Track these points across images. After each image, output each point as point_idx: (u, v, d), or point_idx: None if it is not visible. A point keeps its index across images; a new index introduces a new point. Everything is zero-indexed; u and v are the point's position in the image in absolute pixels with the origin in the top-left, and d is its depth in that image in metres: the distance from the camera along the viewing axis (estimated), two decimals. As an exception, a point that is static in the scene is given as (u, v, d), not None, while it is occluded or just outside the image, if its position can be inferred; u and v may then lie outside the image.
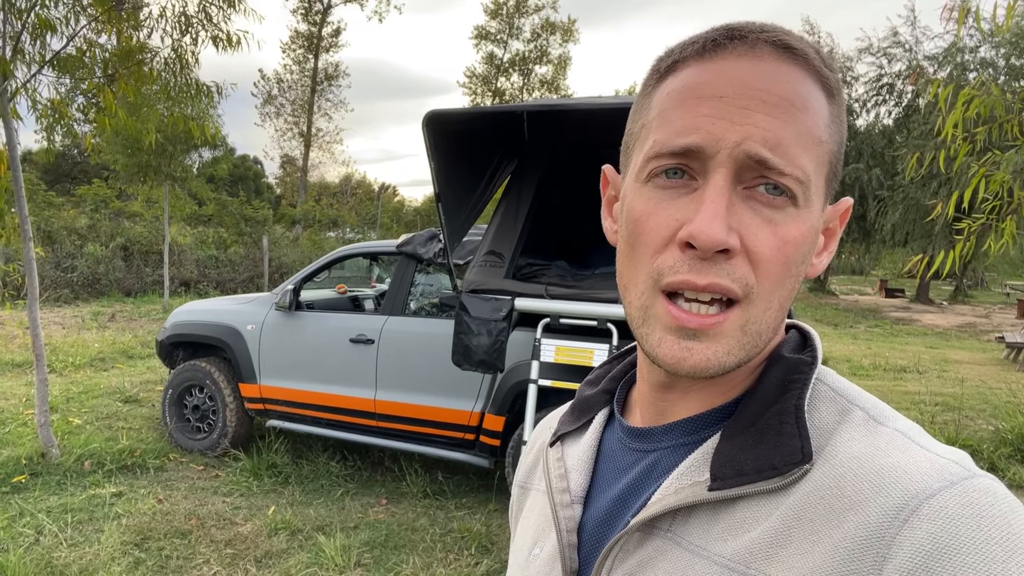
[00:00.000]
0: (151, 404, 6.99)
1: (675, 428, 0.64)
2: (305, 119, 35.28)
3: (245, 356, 5.56)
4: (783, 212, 0.56)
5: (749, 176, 0.56)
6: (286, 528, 4.31)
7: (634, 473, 0.66)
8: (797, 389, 0.59)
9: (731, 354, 0.57)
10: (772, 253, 0.55)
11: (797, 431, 0.56)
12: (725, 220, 0.54)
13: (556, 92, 37.51)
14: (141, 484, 4.94)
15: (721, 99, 0.56)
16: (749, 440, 0.58)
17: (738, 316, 0.56)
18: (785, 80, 0.56)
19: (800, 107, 0.56)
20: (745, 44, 0.57)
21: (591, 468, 0.71)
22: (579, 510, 0.69)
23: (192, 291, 16.66)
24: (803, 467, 0.55)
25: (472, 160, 4.17)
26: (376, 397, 5.08)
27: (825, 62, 0.59)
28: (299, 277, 5.64)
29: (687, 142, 0.56)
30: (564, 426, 0.78)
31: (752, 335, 0.57)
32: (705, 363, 0.56)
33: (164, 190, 14.36)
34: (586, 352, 3.72)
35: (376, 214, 25.87)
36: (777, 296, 0.57)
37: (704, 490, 0.58)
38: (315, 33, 34.31)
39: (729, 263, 0.55)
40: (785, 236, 0.56)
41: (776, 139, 0.55)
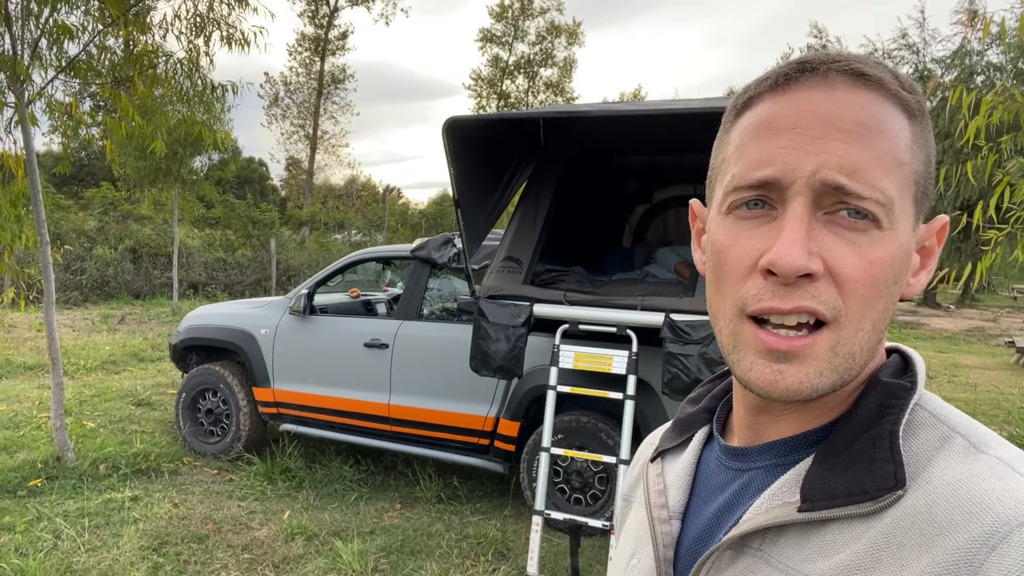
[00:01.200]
0: (163, 407, 7.01)
1: (769, 449, 0.65)
2: (311, 122, 35.35)
3: (259, 360, 5.57)
4: (867, 235, 0.57)
5: (828, 202, 0.57)
6: (302, 533, 4.32)
7: (729, 492, 0.67)
8: (894, 415, 0.59)
9: (823, 376, 0.57)
10: (858, 274, 0.56)
11: (891, 456, 0.57)
12: (805, 245, 0.56)
13: (561, 95, 37.51)
14: (156, 488, 4.95)
15: (795, 130, 0.58)
16: (841, 464, 0.58)
17: (828, 338, 0.57)
18: (859, 106, 0.57)
19: (876, 131, 0.57)
20: (817, 75, 0.59)
21: (689, 485, 0.73)
22: (677, 526, 0.71)
23: (200, 294, 16.70)
24: (896, 493, 0.55)
25: (490, 165, 4.18)
26: (390, 402, 5.09)
27: (904, 84, 0.60)
28: (313, 281, 5.65)
29: (763, 175, 0.58)
30: (665, 443, 0.80)
31: (844, 357, 0.58)
32: (797, 385, 0.57)
33: (174, 193, 14.40)
34: (606, 359, 3.71)
35: (383, 216, 25.90)
36: (869, 317, 0.58)
37: (794, 511, 0.59)
38: (322, 36, 34.39)
39: (813, 286, 0.56)
40: (871, 257, 0.57)
41: (852, 165, 0.56)
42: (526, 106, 36.56)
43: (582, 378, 4.00)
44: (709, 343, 3.42)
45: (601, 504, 4.39)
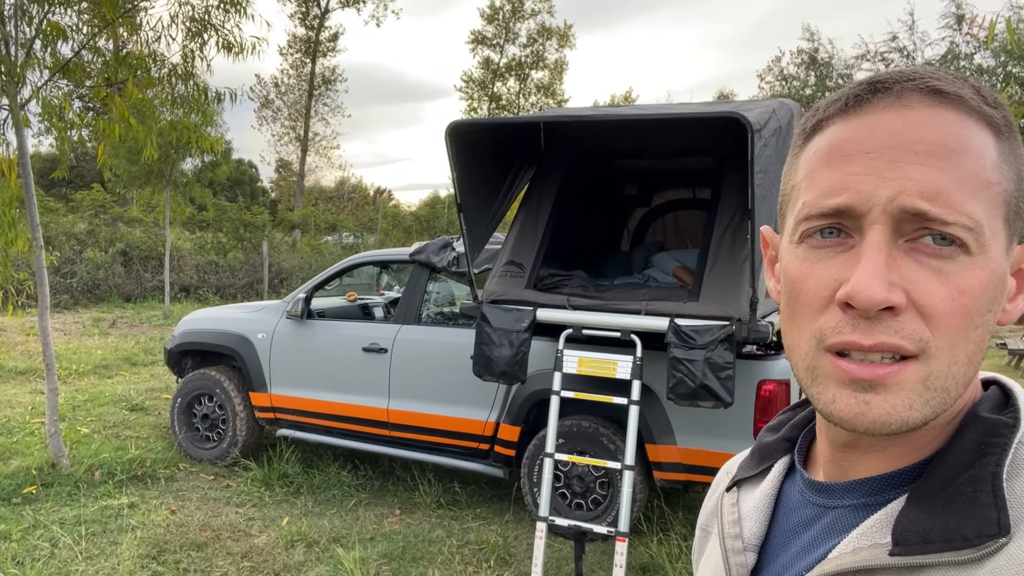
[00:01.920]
0: (158, 412, 6.95)
1: (858, 486, 0.62)
2: (302, 123, 35.22)
3: (256, 365, 5.53)
4: (954, 262, 0.53)
5: (910, 228, 0.54)
6: (302, 540, 4.28)
7: (815, 529, 0.64)
8: (996, 455, 0.55)
9: (913, 408, 0.54)
10: (947, 304, 0.53)
11: (994, 501, 0.53)
12: (885, 277, 0.53)
13: (552, 97, 37.53)
14: (152, 494, 4.90)
15: (869, 155, 0.55)
16: (938, 506, 0.55)
17: (917, 369, 0.54)
18: (938, 125, 0.54)
19: (959, 151, 0.53)
20: (891, 95, 0.56)
21: (768, 517, 0.70)
22: (752, 558, 0.68)
23: (192, 296, 16.59)
24: (999, 540, 0.51)
25: (492, 169, 4.17)
26: (389, 406, 5.05)
27: (987, 99, 0.56)
28: (310, 285, 5.62)
29: (836, 203, 0.55)
30: (743, 472, 0.76)
31: (937, 391, 0.54)
32: (886, 417, 0.54)
33: (165, 195, 14.30)
34: (610, 364, 3.70)
35: (375, 219, 25.83)
36: (963, 350, 0.54)
37: (884, 554, 0.55)
38: (312, 38, 34.27)
39: (896, 320, 0.53)
40: (960, 286, 0.53)
41: (935, 189, 0.53)
42: (518, 108, 36.57)
43: (585, 383, 3.98)
44: (714, 348, 3.41)
45: (602, 509, 4.38)
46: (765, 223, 3.39)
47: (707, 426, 4.11)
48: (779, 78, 22.60)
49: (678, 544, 4.21)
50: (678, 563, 3.99)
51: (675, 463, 4.23)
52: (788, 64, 22.26)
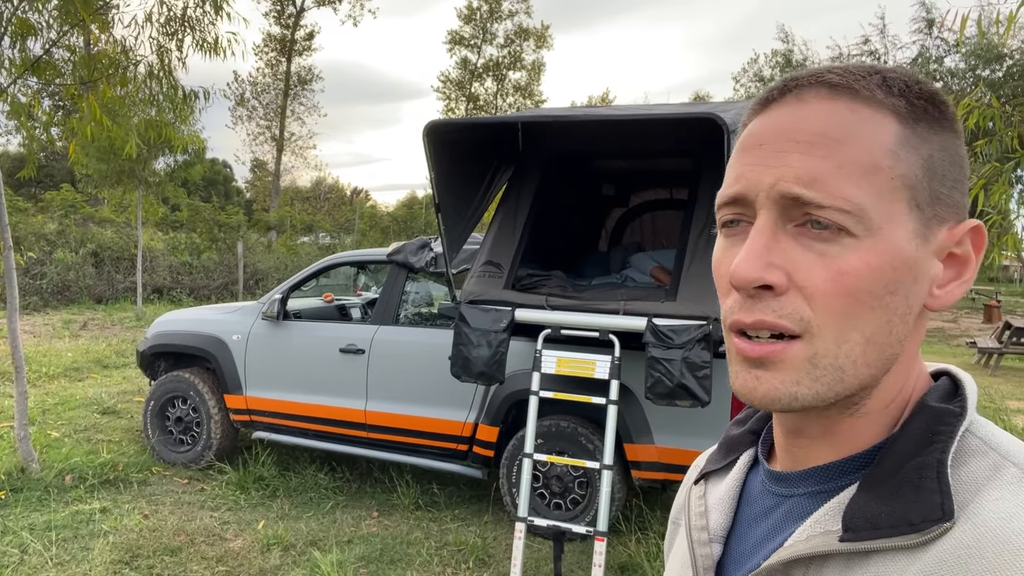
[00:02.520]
0: (130, 415, 6.84)
1: (812, 474, 0.63)
2: (278, 123, 34.89)
3: (231, 366, 5.47)
4: (837, 244, 0.56)
5: (796, 215, 0.57)
6: (278, 543, 4.24)
7: (773, 517, 0.66)
8: (942, 442, 0.56)
9: (801, 385, 0.57)
10: (827, 286, 0.55)
11: (938, 487, 0.54)
12: (762, 258, 0.56)
13: (530, 98, 37.57)
14: (125, 499, 4.82)
15: (761, 147, 0.59)
16: (886, 493, 0.56)
17: (802, 348, 0.57)
18: (823, 116, 0.57)
19: (840, 139, 0.56)
20: (791, 93, 0.60)
21: (733, 508, 0.72)
22: (718, 549, 0.70)
23: (165, 298, 16.37)
24: (943, 525, 0.52)
25: (470, 169, 4.16)
26: (367, 408, 5.02)
27: (893, 89, 0.58)
28: (287, 286, 5.56)
29: (732, 192, 0.60)
30: (710, 465, 0.78)
31: (827, 368, 0.57)
32: (774, 392, 0.58)
33: (138, 195, 14.10)
34: (588, 363, 3.70)
35: (352, 219, 25.66)
36: (856, 329, 0.56)
37: (835, 540, 0.57)
38: (288, 36, 33.98)
39: (777, 300, 0.57)
40: (842, 267, 0.55)
41: (811, 175, 0.56)
42: (495, 108, 36.55)
43: (563, 383, 3.99)
44: (691, 347, 3.43)
45: (581, 509, 4.39)
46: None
47: (684, 425, 4.14)
48: (754, 80, 22.83)
49: (656, 543, 4.23)
50: (656, 562, 4.00)
51: (653, 462, 4.25)
52: (763, 66, 22.49)
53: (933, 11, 18.63)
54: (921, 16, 18.79)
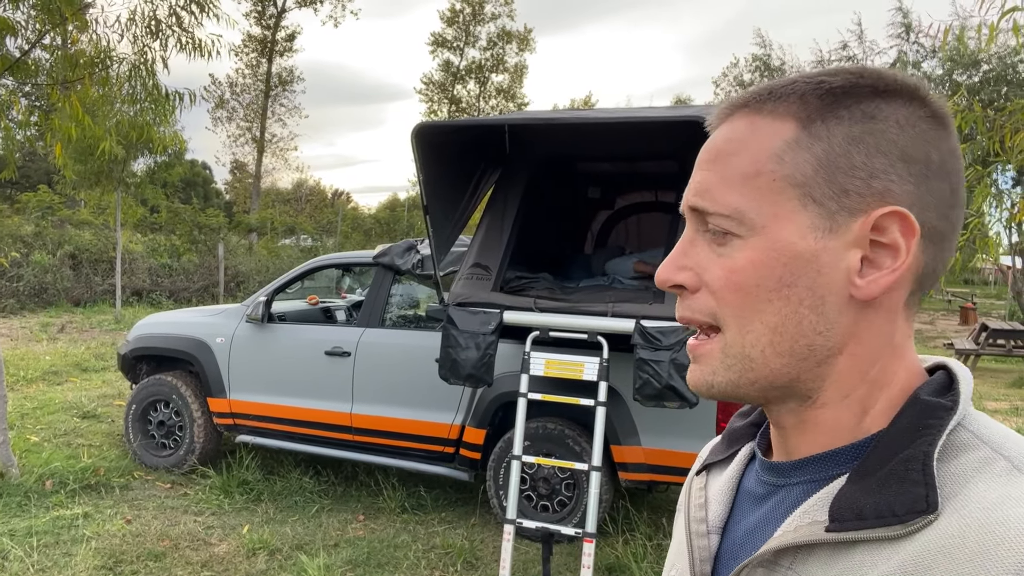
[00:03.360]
0: (111, 420, 6.76)
1: (803, 465, 0.65)
2: (258, 124, 34.62)
3: (214, 370, 5.42)
4: (728, 246, 0.62)
5: (703, 224, 0.64)
6: (264, 548, 4.21)
7: (765, 507, 0.67)
8: (930, 435, 0.57)
9: (716, 374, 0.63)
10: (720, 283, 0.62)
11: (923, 479, 0.55)
12: (676, 262, 0.65)
13: (512, 101, 37.58)
14: (107, 504, 4.77)
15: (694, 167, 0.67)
16: (873, 485, 0.57)
17: (717, 341, 0.63)
18: (724, 134, 0.64)
19: (730, 152, 0.63)
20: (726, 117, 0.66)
21: (731, 499, 0.73)
22: (715, 540, 0.71)
23: (145, 301, 16.17)
24: (927, 517, 0.53)
25: (458, 172, 4.15)
26: (353, 411, 5.00)
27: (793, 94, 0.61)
28: (271, 288, 5.52)
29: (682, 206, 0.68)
30: (712, 456, 0.80)
31: (736, 357, 0.62)
32: (696, 381, 0.65)
33: (116, 196, 13.93)
34: (577, 365, 3.71)
35: (335, 221, 25.52)
36: (758, 320, 0.61)
37: (821, 530, 0.58)
38: (269, 37, 33.74)
39: (692, 298, 0.64)
40: (732, 266, 0.61)
41: (704, 187, 0.63)
42: (478, 111, 36.54)
43: (551, 385, 3.99)
44: (679, 349, 3.45)
45: (568, 510, 4.39)
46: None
47: (671, 426, 4.16)
48: (734, 84, 22.99)
49: (643, 544, 4.25)
50: (644, 563, 4.02)
51: (640, 463, 4.27)
52: (743, 70, 22.66)
53: (910, 16, 18.89)
54: (898, 21, 19.04)
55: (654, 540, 4.35)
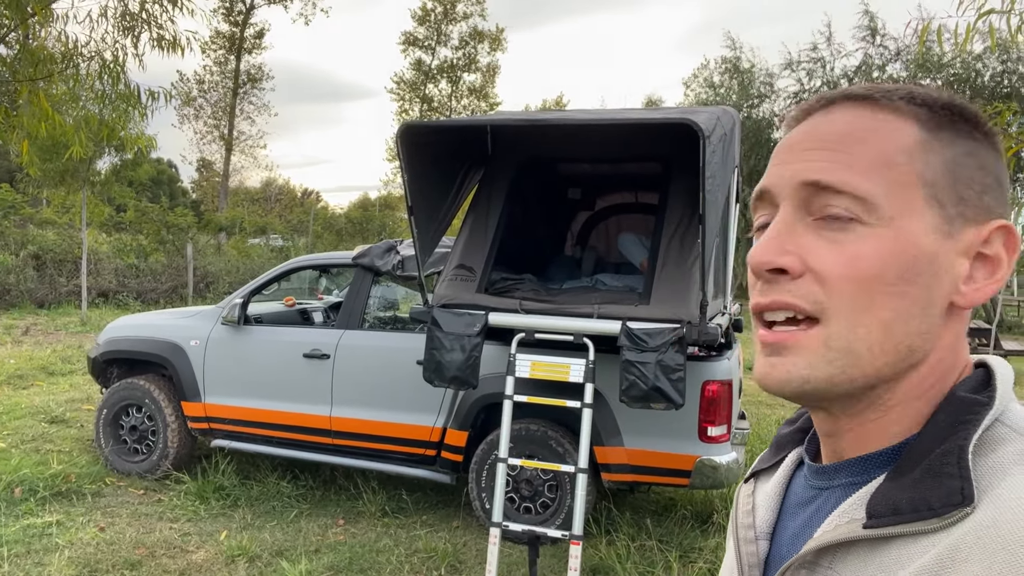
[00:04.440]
0: (80, 424, 6.59)
1: (847, 467, 0.65)
2: (226, 122, 34.12)
3: (188, 373, 5.31)
4: (850, 232, 0.59)
5: (816, 207, 0.60)
6: (243, 554, 4.13)
7: (810, 510, 0.68)
8: (965, 430, 0.58)
9: (814, 368, 0.59)
10: (840, 270, 0.58)
11: (958, 472, 0.55)
12: (778, 243, 0.60)
13: (485, 100, 37.51)
14: (79, 512, 4.64)
15: (791, 149, 0.64)
16: (909, 481, 0.58)
17: (818, 332, 0.59)
18: (847, 120, 0.62)
19: (860, 139, 0.61)
20: (823, 104, 0.65)
21: (778, 505, 0.73)
22: (764, 546, 0.72)
23: (111, 302, 15.84)
24: (963, 509, 0.54)
25: (442, 172, 4.12)
26: (332, 414, 4.93)
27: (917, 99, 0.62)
28: (247, 290, 5.43)
29: (760, 187, 0.65)
30: (760, 464, 0.80)
31: (840, 351, 0.59)
32: (786, 375, 0.60)
33: (82, 196, 13.62)
34: (563, 367, 3.70)
35: (307, 221, 25.23)
36: (872, 314, 0.58)
37: (859, 527, 0.58)
38: (237, 34, 33.26)
39: (794, 283, 0.60)
40: (855, 253, 0.58)
41: (829, 167, 0.60)
42: (450, 111, 36.42)
43: (534, 386, 3.98)
44: (665, 350, 3.45)
45: (551, 512, 4.38)
46: (712, 228, 3.46)
47: (653, 427, 4.17)
48: (704, 86, 23.19)
49: (626, 545, 4.25)
50: (627, 563, 4.02)
51: (622, 464, 4.27)
52: (713, 72, 22.86)
53: (876, 20, 19.21)
54: (865, 24, 19.36)
55: (637, 541, 4.35)
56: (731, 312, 4.85)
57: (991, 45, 3.46)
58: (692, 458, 4.11)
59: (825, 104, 0.65)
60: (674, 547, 4.27)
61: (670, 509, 5.00)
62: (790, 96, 20.83)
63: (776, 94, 21.23)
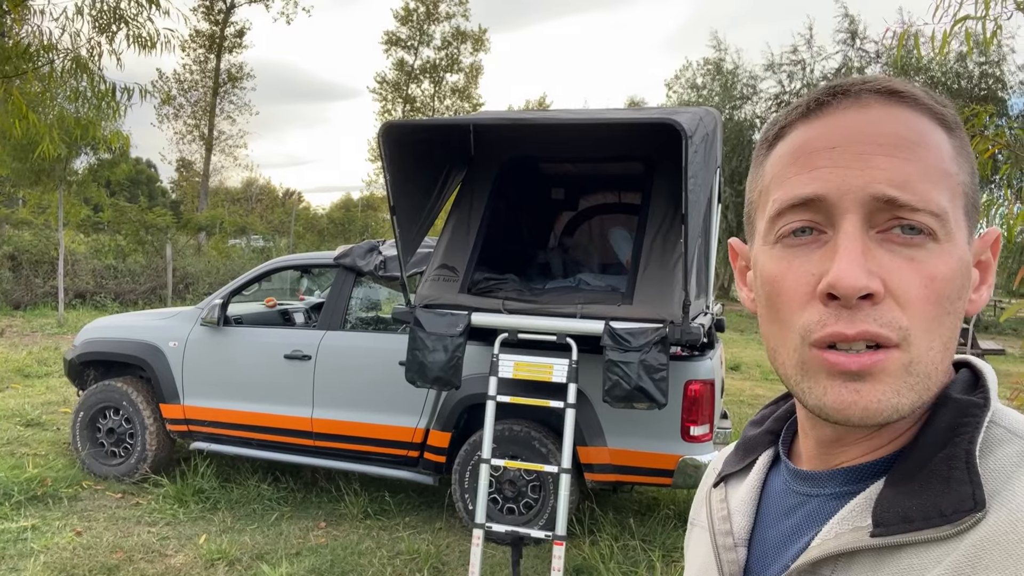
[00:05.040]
0: (56, 427, 6.49)
1: (839, 474, 0.63)
2: (206, 121, 33.79)
3: (167, 375, 5.25)
4: (924, 249, 0.55)
5: (881, 219, 0.56)
6: (223, 558, 4.08)
7: (797, 516, 0.65)
8: (968, 433, 0.57)
9: (901, 395, 0.56)
10: (920, 292, 0.55)
11: (968, 477, 0.54)
12: (863, 265, 0.54)
13: (468, 101, 37.46)
14: (55, 516, 4.57)
15: (834, 149, 0.57)
16: (915, 486, 0.56)
17: (900, 356, 0.55)
18: (897, 121, 0.57)
19: (919, 143, 0.56)
20: (849, 97, 0.59)
21: (754, 510, 0.71)
22: (743, 553, 0.69)
23: (89, 303, 15.63)
24: (975, 515, 0.53)
25: (424, 172, 4.09)
26: (313, 415, 4.89)
27: (936, 99, 0.60)
28: (227, 290, 5.37)
29: (808, 192, 0.57)
30: (728, 467, 0.77)
31: (920, 376, 0.56)
32: (876, 404, 0.55)
33: (59, 195, 13.43)
34: (546, 367, 3.69)
35: (287, 221, 25.05)
36: (938, 335, 0.56)
37: (866, 536, 0.56)
38: (217, 33, 32.96)
39: (876, 309, 0.55)
40: (932, 273, 0.55)
41: (902, 178, 0.55)
42: (432, 111, 36.34)
43: (517, 387, 3.96)
44: (648, 350, 3.45)
45: (534, 513, 4.37)
46: (695, 228, 3.47)
47: (636, 427, 4.17)
48: (686, 87, 23.31)
49: (609, 545, 4.25)
50: (611, 563, 4.02)
51: (605, 464, 4.27)
52: (696, 74, 22.99)
53: (857, 23, 19.42)
54: (845, 27, 19.56)
55: (620, 540, 4.35)
56: (713, 312, 4.87)
57: (968, 50, 3.54)
58: (675, 457, 4.12)
59: (853, 95, 0.59)
60: (657, 547, 4.28)
61: (653, 509, 5.01)
62: (771, 98, 21.00)
63: (759, 95, 21.40)
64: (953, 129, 0.59)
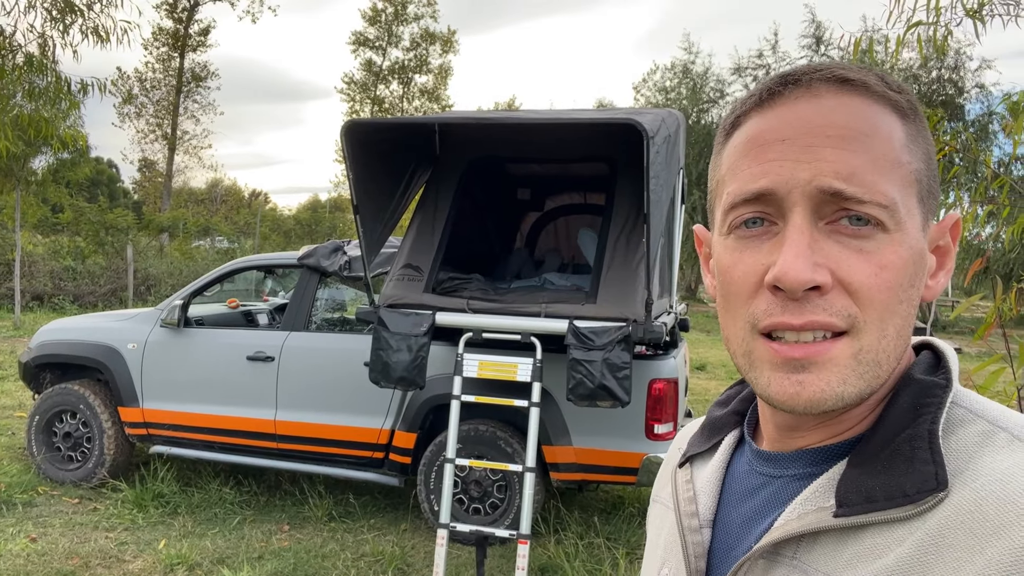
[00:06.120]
0: (11, 432, 6.33)
1: (802, 456, 0.63)
2: (170, 121, 33.23)
3: (125, 377, 5.14)
4: (873, 240, 0.56)
5: (829, 211, 0.56)
6: (182, 563, 4.01)
7: (760, 497, 0.65)
8: (931, 413, 0.57)
9: (847, 383, 0.56)
10: (871, 280, 0.55)
11: (931, 457, 0.55)
12: (809, 258, 0.55)
13: (437, 102, 37.37)
14: (9, 522, 4.45)
15: (784, 141, 0.58)
16: (879, 466, 0.57)
17: (848, 344, 0.56)
18: (847, 111, 0.57)
19: (868, 133, 0.56)
20: (801, 86, 0.59)
21: (719, 491, 0.71)
22: (708, 534, 0.69)
23: (46, 306, 15.26)
24: (938, 495, 0.53)
25: (388, 171, 4.07)
26: (276, 417, 4.83)
27: (891, 85, 0.60)
28: (188, 291, 5.28)
29: (758, 187, 0.58)
30: (693, 447, 0.77)
31: (869, 364, 0.56)
32: (820, 394, 0.56)
33: (16, 196, 13.10)
34: (511, 367, 3.69)
35: (253, 222, 24.74)
36: (892, 324, 0.57)
37: (829, 516, 0.57)
38: (181, 31, 32.45)
39: (824, 299, 0.55)
40: (881, 262, 0.56)
41: (848, 169, 0.55)
42: (401, 112, 36.18)
43: (482, 386, 3.96)
44: (612, 349, 3.47)
45: (500, 512, 4.37)
46: (657, 227, 3.50)
47: (601, 426, 4.19)
48: (654, 90, 23.53)
49: (575, 543, 4.26)
50: (576, 562, 4.03)
51: (571, 463, 4.28)
52: (664, 77, 23.22)
53: (822, 28, 19.78)
54: (811, 33, 19.91)
55: (585, 539, 4.37)
56: (677, 311, 4.91)
57: (920, 55, 3.63)
58: (639, 456, 4.15)
59: (804, 84, 0.59)
60: (622, 544, 4.30)
61: (618, 507, 5.04)
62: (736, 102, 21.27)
63: (725, 99, 21.68)
64: (908, 115, 0.59)
